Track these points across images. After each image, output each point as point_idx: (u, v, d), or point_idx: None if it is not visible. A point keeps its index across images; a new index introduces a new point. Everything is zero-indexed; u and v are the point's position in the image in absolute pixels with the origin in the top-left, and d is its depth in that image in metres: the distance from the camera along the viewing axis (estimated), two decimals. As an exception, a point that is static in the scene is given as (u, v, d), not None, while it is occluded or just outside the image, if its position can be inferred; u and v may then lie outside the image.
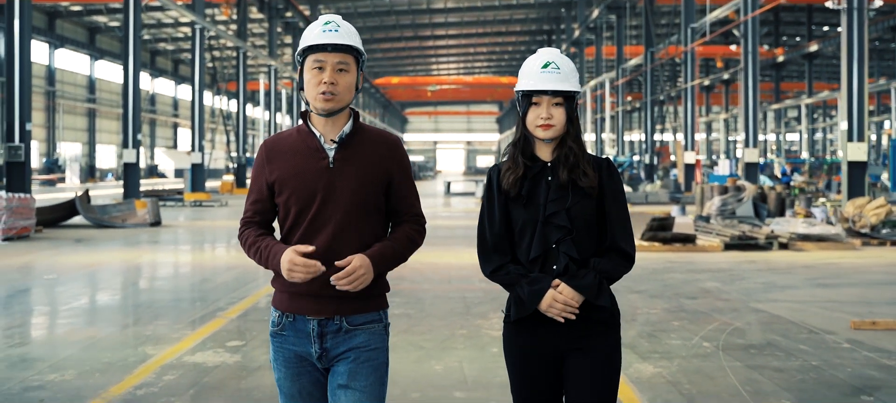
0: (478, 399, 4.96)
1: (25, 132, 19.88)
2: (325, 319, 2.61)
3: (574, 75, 2.73)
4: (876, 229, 15.03)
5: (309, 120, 2.68)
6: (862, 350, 6.18)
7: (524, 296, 2.65)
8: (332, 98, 2.58)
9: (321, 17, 2.70)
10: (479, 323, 7.20)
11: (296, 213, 2.62)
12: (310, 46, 2.62)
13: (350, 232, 2.60)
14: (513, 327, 2.74)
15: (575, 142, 2.71)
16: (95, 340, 6.57)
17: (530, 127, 2.72)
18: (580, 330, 2.66)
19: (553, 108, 2.69)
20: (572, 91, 2.71)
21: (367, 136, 2.69)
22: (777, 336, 6.72)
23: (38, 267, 11.22)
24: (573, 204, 2.67)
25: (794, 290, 9.23)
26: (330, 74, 2.59)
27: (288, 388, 2.66)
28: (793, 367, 5.67)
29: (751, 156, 25.61)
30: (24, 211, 15.51)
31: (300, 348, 2.63)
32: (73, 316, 7.95)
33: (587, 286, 2.63)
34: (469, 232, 16.42)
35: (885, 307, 8.12)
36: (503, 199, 2.74)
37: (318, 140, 2.64)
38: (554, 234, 2.67)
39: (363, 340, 2.62)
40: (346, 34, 2.63)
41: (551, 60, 2.73)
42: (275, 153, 2.68)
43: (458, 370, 5.62)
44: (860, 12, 19.04)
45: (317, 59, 2.61)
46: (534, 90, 2.69)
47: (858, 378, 5.39)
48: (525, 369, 2.72)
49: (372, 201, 2.64)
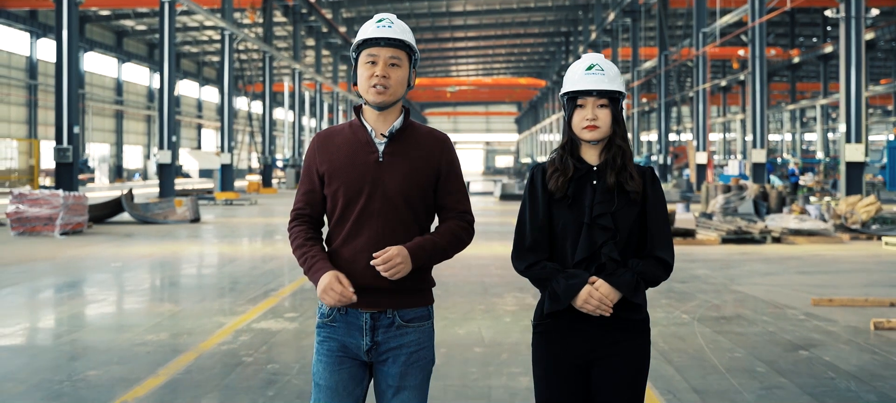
0: (493, 352, 6.21)
1: (73, 135, 21.35)
2: (377, 313, 2.68)
3: (618, 77, 2.77)
4: (866, 225, 16.17)
5: (361, 114, 2.76)
6: (813, 320, 7.41)
7: (560, 290, 2.67)
8: (384, 91, 2.66)
9: (376, 14, 2.78)
10: (495, 301, 8.46)
11: (343, 205, 2.69)
12: (365, 41, 2.70)
13: (396, 226, 2.67)
14: (542, 336, 2.76)
15: (623, 143, 2.75)
16: (174, 312, 7.89)
17: (576, 129, 2.75)
18: (611, 337, 2.70)
19: (598, 110, 2.72)
20: (617, 91, 2.74)
21: (417, 133, 2.76)
22: (747, 310, 7.95)
23: (102, 257, 12.58)
24: (618, 208, 2.70)
25: (774, 276, 10.44)
26: (382, 68, 2.66)
27: (326, 380, 2.70)
28: (751, 332, 6.91)
29: (758, 156, 26.68)
30: (78, 208, 16.88)
31: (350, 340, 2.69)
32: (147, 295, 9.31)
33: (625, 283, 2.65)
34: (488, 228, 17.71)
35: (850, 289, 9.31)
36: (547, 199, 2.76)
37: (369, 134, 2.71)
38: (600, 237, 2.69)
39: (414, 338, 2.71)
40: (399, 30, 2.71)
41: (595, 62, 2.78)
42: (326, 145, 2.75)
43: (476, 333, 6.89)
44: (858, 21, 20.14)
45: (370, 53, 2.68)
46: (578, 91, 2.74)
47: (802, 339, 6.63)
48: (552, 377, 2.72)
49: (419, 197, 2.70)
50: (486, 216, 22.09)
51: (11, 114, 46.02)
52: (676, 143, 59.65)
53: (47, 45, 48.42)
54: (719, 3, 32.61)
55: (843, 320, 7.41)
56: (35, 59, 47.45)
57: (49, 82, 48.25)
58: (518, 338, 6.60)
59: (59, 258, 12.34)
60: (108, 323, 7.48)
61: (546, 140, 71.16)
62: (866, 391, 5.17)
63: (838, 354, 6.13)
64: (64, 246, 14.09)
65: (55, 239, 15.15)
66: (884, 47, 52.36)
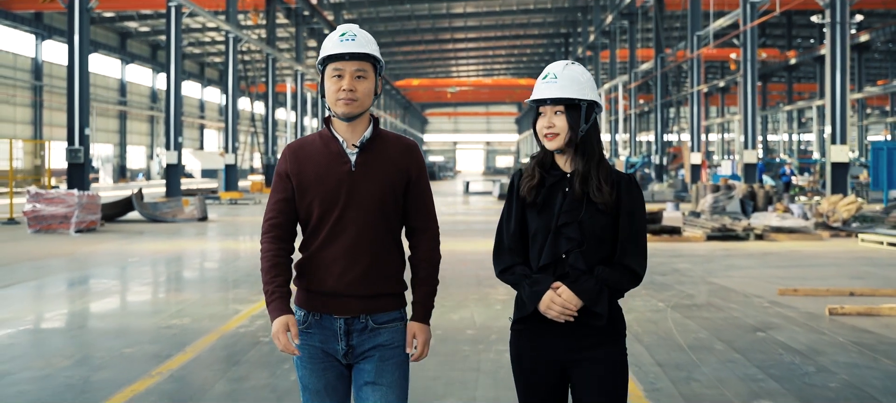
0: (483, 334, 6.94)
1: (84, 136, 22.09)
2: (351, 318, 2.73)
3: (574, 84, 2.77)
4: (847, 223, 16.89)
5: (331, 125, 2.80)
6: (776, 307, 8.14)
7: (525, 296, 2.73)
8: (351, 103, 2.70)
9: (339, 27, 2.82)
10: (488, 291, 9.18)
11: (319, 215, 2.74)
12: (329, 56, 2.74)
13: (371, 234, 2.73)
14: (517, 334, 2.82)
15: (587, 155, 2.76)
16: (194, 300, 8.62)
17: (539, 135, 2.81)
18: (581, 341, 2.72)
19: (554, 117, 2.75)
20: (571, 98, 2.75)
21: (386, 141, 2.81)
22: (717, 298, 8.68)
23: (119, 253, 13.30)
24: (585, 217, 2.71)
25: (750, 270, 11.16)
26: (349, 81, 2.71)
27: (313, 384, 2.77)
28: (717, 317, 7.64)
29: (749, 157, 27.43)
30: (92, 207, 17.62)
31: (326, 345, 2.76)
32: (167, 286, 10.06)
33: (586, 290, 2.67)
34: (484, 226, 18.43)
35: (818, 281, 10.02)
36: (521, 204, 2.82)
37: (341, 144, 2.76)
38: (564, 245, 2.72)
39: (387, 338, 2.76)
40: (362, 42, 2.75)
41: (551, 72, 2.82)
42: (298, 156, 2.78)
43: (469, 318, 7.62)
44: (842, 27, 20.86)
45: (336, 67, 2.72)
46: (536, 100, 2.80)
47: (761, 323, 7.36)
48: (529, 377, 2.77)
49: (392, 203, 2.77)
50: (483, 215, 22.80)
51: (17, 115, 46.71)
52: (675, 144, 60.35)
53: (52, 47, 49.18)
54: (713, 7, 33.32)
55: (803, 307, 8.13)
56: (40, 60, 48.16)
57: (54, 84, 49.01)
58: (507, 323, 7.29)
59: (78, 254, 13.07)
60: (135, 310, 8.24)
61: (545, 140, 71.77)
62: (808, 364, 5.89)
63: (791, 335, 6.86)
64: (80, 242, 14.81)
65: (70, 237, 15.87)
66: (881, 48, 53.14)
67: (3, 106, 44.99)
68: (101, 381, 5.44)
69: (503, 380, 5.44)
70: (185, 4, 28.48)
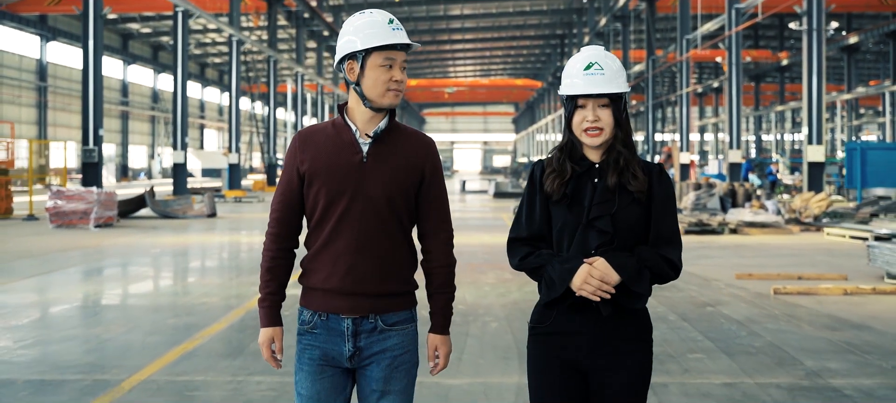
0: (472, 309, 8.05)
1: (98, 137, 23.19)
2: (359, 318, 2.62)
3: (621, 74, 2.60)
4: (818, 218, 18.03)
5: (346, 113, 2.68)
6: (730, 288, 9.29)
7: (555, 275, 2.54)
8: (400, 94, 2.63)
9: (374, 12, 2.67)
10: (479, 276, 10.32)
11: (325, 206, 2.63)
12: (382, 45, 2.60)
13: (378, 229, 2.62)
14: (539, 338, 2.64)
15: (624, 145, 2.59)
16: (218, 284, 9.75)
17: (576, 131, 2.61)
18: (611, 347, 2.56)
19: (600, 110, 2.57)
20: (619, 92, 2.58)
21: (402, 134, 2.69)
22: (681, 282, 9.79)
23: (140, 245, 14.42)
24: (619, 209, 2.55)
25: (717, 259, 12.30)
26: (399, 72, 2.62)
27: (307, 389, 2.66)
28: (676, 295, 8.78)
29: (734, 156, 28.63)
30: (109, 203, 18.71)
31: (332, 347, 2.65)
32: (191, 272, 11.22)
33: (625, 266, 2.49)
34: (479, 222, 19.64)
35: (776, 268, 11.14)
36: (544, 199, 2.65)
37: (354, 134, 2.64)
38: (595, 239, 2.55)
39: (396, 342, 2.66)
40: (406, 33, 2.68)
41: (595, 61, 2.60)
42: (308, 144, 2.66)
43: (461, 297, 8.72)
44: (819, 33, 22.00)
45: (387, 56, 2.60)
46: (584, 94, 2.57)
47: (713, 300, 8.50)
48: (548, 379, 2.61)
49: (402, 199, 2.65)
50: (480, 212, 24.03)
51: (22, 115, 47.77)
52: (668, 143, 61.48)
53: (56, 48, 50.26)
54: (701, 10, 34.45)
55: (754, 288, 9.28)
56: (44, 61, 49.21)
57: (58, 84, 50.12)
58: (493, 301, 8.45)
59: (103, 246, 14.20)
60: (167, 291, 9.41)
61: (543, 140, 73.02)
62: (742, 330, 7.04)
63: (736, 309, 8.00)
64: (101, 236, 15.92)
65: (90, 231, 16.97)
66: (873, 50, 54.31)
67: (9, 106, 46.04)
68: (154, 344, 6.57)
69: (487, 343, 6.57)
70: (191, 10, 29.58)
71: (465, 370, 5.78)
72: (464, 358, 6.14)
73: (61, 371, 5.66)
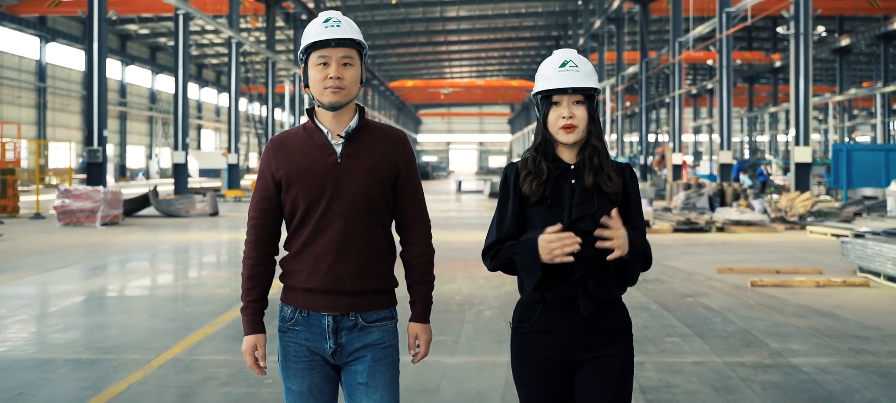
0: (468, 300, 8.63)
1: (102, 137, 23.70)
2: (340, 315, 2.64)
3: (593, 74, 2.67)
4: (803, 217, 18.64)
5: (315, 116, 2.70)
6: (710, 282, 9.88)
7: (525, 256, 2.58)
8: (339, 91, 2.61)
9: (321, 14, 2.70)
10: (474, 270, 10.89)
11: (304, 210, 2.65)
12: (313, 43, 2.62)
13: (359, 228, 2.64)
14: (522, 337, 2.67)
15: (599, 143, 2.65)
16: (229, 276, 10.32)
17: (552, 128, 2.65)
18: (595, 340, 2.60)
19: (574, 107, 2.62)
20: (592, 88, 2.64)
21: (373, 131, 2.71)
22: (665, 275, 10.40)
23: (148, 242, 14.98)
24: (598, 209, 2.59)
25: (702, 255, 12.88)
26: (335, 69, 2.61)
27: (297, 385, 2.68)
28: (659, 287, 9.36)
29: (725, 157, 29.25)
30: (115, 202, 19.27)
31: (313, 344, 2.66)
32: (203, 267, 11.81)
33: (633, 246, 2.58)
34: (474, 220, 20.17)
35: (758, 264, 11.72)
36: (518, 201, 2.68)
37: (325, 135, 2.66)
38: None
39: (378, 337, 2.68)
40: (347, 28, 2.64)
41: (569, 59, 2.68)
42: (281, 150, 2.68)
43: (458, 289, 9.32)
44: (806, 37, 22.61)
45: (321, 55, 2.62)
46: (553, 89, 2.63)
47: (694, 292, 9.09)
48: (533, 376, 2.64)
49: (379, 195, 2.67)
50: (476, 211, 24.60)
51: (22, 116, 48.23)
52: (661, 145, 62.09)
53: (55, 50, 50.75)
54: (693, 12, 35.05)
55: (733, 282, 9.87)
56: (44, 62, 49.68)
57: (57, 85, 50.61)
58: (487, 293, 9.03)
59: (113, 243, 14.75)
60: (182, 283, 9.96)
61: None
62: (716, 317, 7.62)
63: (714, 299, 8.59)
64: (108, 234, 16.47)
65: (97, 229, 17.52)
66: (865, 52, 55.00)
67: (9, 107, 46.52)
68: (176, 328, 7.14)
69: (482, 328, 7.15)
70: (192, 12, 30.10)
71: (461, 350, 6.36)
72: (461, 341, 6.71)
73: (94, 352, 6.23)
